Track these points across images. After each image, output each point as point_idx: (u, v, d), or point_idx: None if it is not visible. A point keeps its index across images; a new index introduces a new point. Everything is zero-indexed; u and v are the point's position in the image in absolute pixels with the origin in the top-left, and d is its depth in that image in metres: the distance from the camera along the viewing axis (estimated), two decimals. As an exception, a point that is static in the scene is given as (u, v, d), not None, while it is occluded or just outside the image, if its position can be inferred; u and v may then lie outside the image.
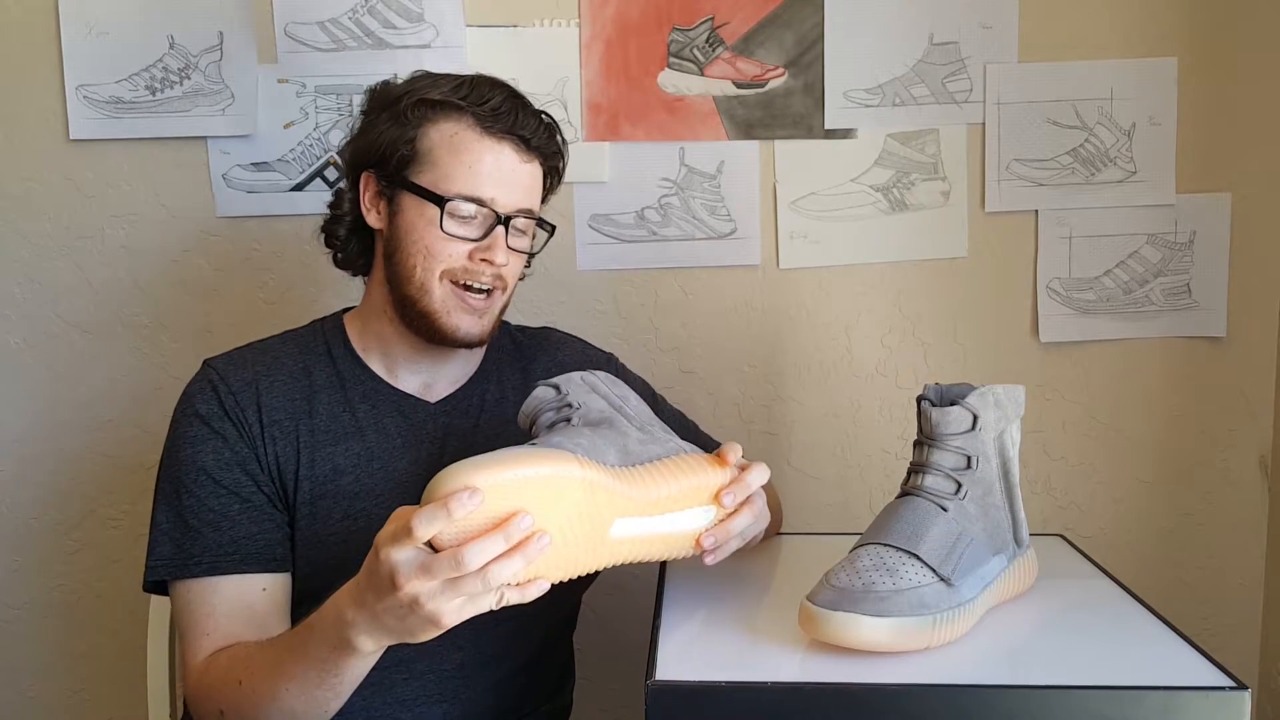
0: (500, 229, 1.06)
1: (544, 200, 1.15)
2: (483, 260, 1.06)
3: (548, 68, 1.51)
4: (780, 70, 1.52)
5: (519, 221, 1.09)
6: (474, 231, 1.06)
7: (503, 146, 1.06)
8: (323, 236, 1.16)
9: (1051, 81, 1.52)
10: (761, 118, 1.52)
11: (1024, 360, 1.57)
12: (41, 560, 1.58)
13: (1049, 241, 1.55)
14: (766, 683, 0.82)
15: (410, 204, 1.07)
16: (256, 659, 0.95)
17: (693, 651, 0.90)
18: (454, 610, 0.78)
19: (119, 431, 1.56)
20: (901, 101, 1.52)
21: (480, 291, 1.07)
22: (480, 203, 1.05)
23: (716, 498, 0.91)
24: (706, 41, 1.51)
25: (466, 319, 1.07)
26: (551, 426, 0.94)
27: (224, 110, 1.50)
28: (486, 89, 1.07)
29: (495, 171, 1.06)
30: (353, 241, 1.15)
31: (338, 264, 1.17)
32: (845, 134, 1.53)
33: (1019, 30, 1.51)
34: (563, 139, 1.14)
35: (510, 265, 1.08)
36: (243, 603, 1.02)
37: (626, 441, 0.90)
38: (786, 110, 1.52)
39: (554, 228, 1.15)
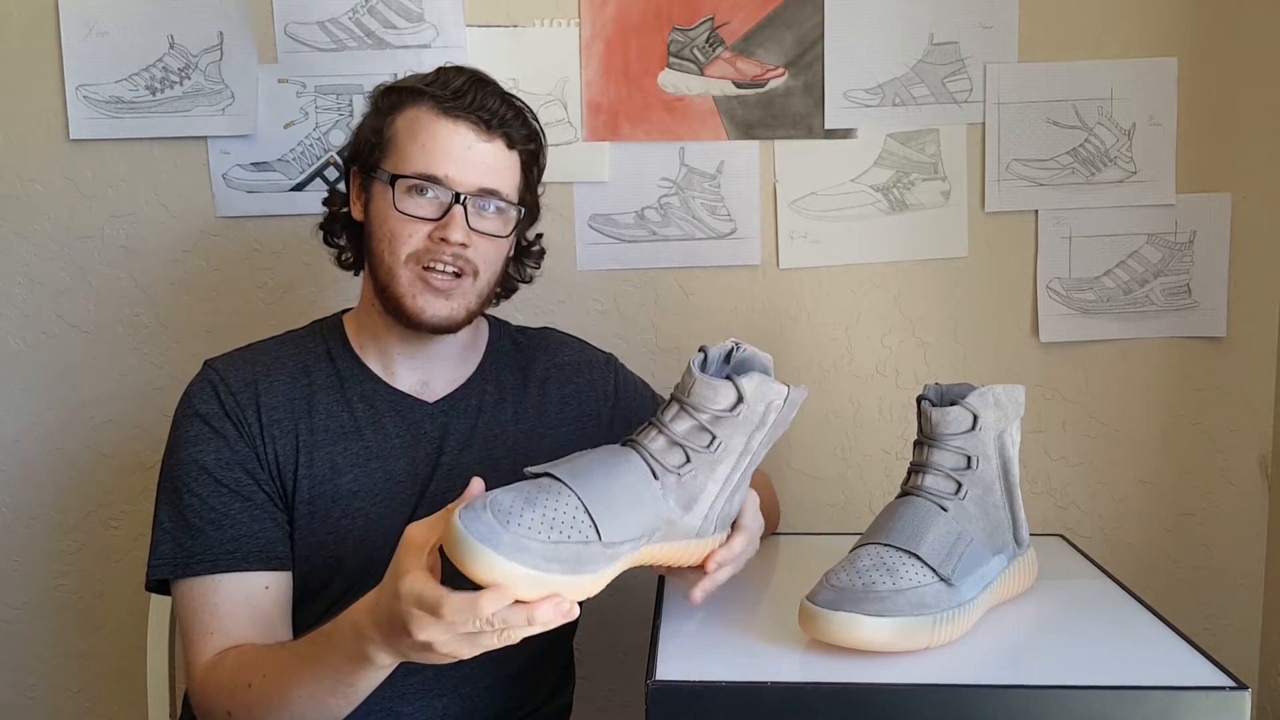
0: (458, 208, 1.04)
1: (530, 190, 1.13)
2: (441, 240, 1.04)
3: (548, 68, 1.51)
4: (780, 70, 1.52)
5: (485, 203, 1.07)
6: (431, 211, 1.05)
7: (459, 125, 1.05)
8: (321, 235, 1.18)
9: (1051, 81, 1.52)
10: (761, 118, 1.52)
11: (1024, 360, 1.57)
12: (41, 560, 1.58)
13: (1049, 241, 1.54)
14: (766, 683, 0.82)
15: (377, 190, 1.08)
16: (267, 663, 0.94)
17: (693, 651, 0.90)
18: (468, 649, 0.78)
19: (119, 431, 1.56)
20: (901, 101, 1.52)
21: (444, 273, 1.06)
22: (432, 180, 1.04)
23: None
24: (706, 41, 1.51)
25: (433, 301, 1.06)
26: (672, 446, 0.85)
27: (224, 110, 1.50)
28: (453, 75, 1.07)
29: (449, 149, 1.05)
30: (347, 239, 1.17)
31: (339, 263, 1.19)
32: (845, 134, 1.53)
33: (1019, 30, 1.51)
34: (538, 123, 1.12)
35: (477, 248, 1.06)
36: (246, 601, 1.02)
37: (680, 530, 0.87)
38: (786, 110, 1.52)
39: (524, 210, 1.12)
